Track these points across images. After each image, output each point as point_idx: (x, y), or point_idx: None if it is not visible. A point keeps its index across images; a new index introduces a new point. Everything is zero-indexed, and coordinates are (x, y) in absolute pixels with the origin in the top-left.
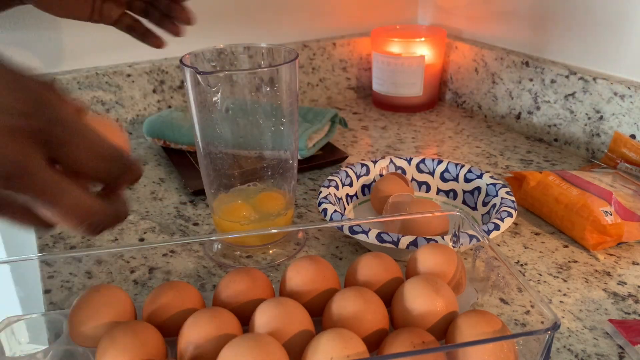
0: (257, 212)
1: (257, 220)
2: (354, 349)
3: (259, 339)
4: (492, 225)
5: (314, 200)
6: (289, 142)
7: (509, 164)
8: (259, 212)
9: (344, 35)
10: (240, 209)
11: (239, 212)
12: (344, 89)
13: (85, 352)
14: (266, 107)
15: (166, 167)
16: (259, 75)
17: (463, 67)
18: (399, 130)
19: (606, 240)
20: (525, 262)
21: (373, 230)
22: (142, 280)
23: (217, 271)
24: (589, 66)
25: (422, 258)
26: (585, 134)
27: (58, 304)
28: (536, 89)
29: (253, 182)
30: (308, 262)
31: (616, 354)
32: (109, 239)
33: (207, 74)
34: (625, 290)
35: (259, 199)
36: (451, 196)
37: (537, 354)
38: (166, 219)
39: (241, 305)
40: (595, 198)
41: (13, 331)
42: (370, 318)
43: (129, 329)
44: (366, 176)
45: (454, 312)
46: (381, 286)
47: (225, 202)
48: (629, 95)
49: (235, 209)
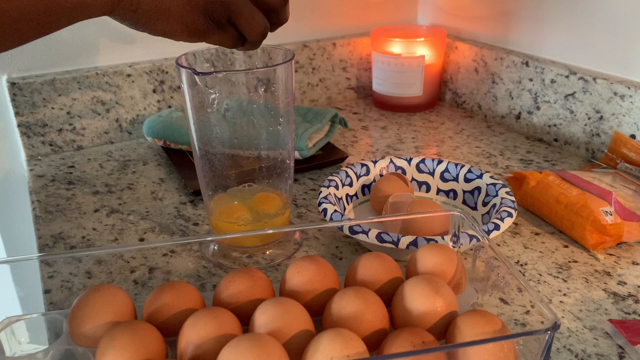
0: (253, 213)
1: (254, 221)
2: (354, 349)
3: (259, 339)
4: (492, 225)
5: (314, 200)
6: (286, 142)
7: (509, 164)
8: (255, 213)
9: (344, 35)
10: (236, 210)
11: (236, 213)
12: (344, 89)
13: (85, 352)
14: (263, 108)
15: (166, 167)
16: (256, 75)
17: (463, 67)
18: (399, 130)
19: (606, 240)
20: (525, 262)
21: (373, 230)
22: (142, 280)
23: (217, 271)
24: (589, 66)
25: (422, 258)
26: (585, 134)
27: (58, 304)
28: (536, 89)
29: (249, 183)
30: (308, 262)
31: (616, 354)
32: (109, 239)
33: (205, 74)
34: (625, 290)
35: (256, 199)
36: (451, 196)
37: (537, 354)
38: (166, 219)
39: (241, 305)
40: (595, 198)
41: (13, 331)
42: (370, 318)
43: (129, 329)
44: (366, 176)
45: (454, 312)
46: (381, 286)
47: (221, 203)
48: (629, 95)
49: (231, 210)
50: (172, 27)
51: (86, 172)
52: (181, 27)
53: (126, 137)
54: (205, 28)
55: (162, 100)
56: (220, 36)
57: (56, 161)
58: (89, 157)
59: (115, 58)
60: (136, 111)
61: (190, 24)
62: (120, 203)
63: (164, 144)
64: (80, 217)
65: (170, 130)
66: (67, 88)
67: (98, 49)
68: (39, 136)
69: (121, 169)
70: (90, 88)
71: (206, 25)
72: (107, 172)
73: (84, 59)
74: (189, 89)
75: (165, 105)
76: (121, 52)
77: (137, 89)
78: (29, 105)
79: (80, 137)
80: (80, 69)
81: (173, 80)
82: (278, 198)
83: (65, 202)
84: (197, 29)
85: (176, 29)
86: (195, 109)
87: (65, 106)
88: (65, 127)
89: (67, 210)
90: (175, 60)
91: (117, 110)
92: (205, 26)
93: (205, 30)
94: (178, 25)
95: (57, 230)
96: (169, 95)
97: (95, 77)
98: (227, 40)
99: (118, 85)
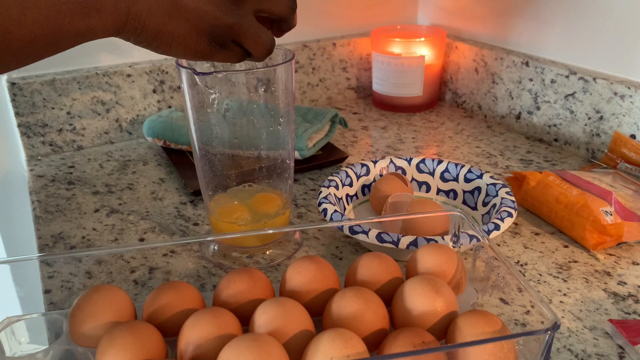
0: (253, 213)
1: (254, 221)
2: (354, 349)
3: (259, 339)
4: (492, 225)
5: (314, 200)
6: (286, 142)
7: (509, 164)
8: (255, 213)
9: (344, 35)
10: (236, 210)
11: (236, 213)
12: (344, 89)
13: (85, 352)
14: (263, 108)
15: (166, 167)
16: (256, 75)
17: (463, 67)
18: (399, 130)
19: (606, 240)
20: (525, 262)
21: (373, 230)
22: (142, 280)
23: (217, 271)
24: (589, 66)
25: (422, 258)
26: (585, 134)
27: (58, 304)
28: (536, 89)
29: (249, 183)
30: (308, 262)
31: (616, 354)
32: (109, 239)
33: (205, 74)
34: (625, 290)
35: (256, 200)
36: (451, 196)
37: (537, 354)
38: (166, 219)
39: (241, 305)
40: (595, 198)
41: (13, 331)
42: (370, 318)
43: (129, 329)
44: (366, 176)
45: (454, 312)
46: (381, 286)
47: (221, 203)
48: (629, 95)
49: (231, 210)
50: (176, 49)
51: (86, 172)
52: (185, 50)
53: (126, 137)
54: (210, 50)
55: (162, 100)
56: (225, 55)
57: (56, 161)
58: (89, 157)
59: (115, 58)
60: (136, 111)
61: (194, 47)
62: (120, 203)
63: (164, 144)
64: (80, 217)
65: (170, 130)
66: (67, 88)
67: (98, 49)
68: (39, 136)
69: (121, 169)
70: (90, 88)
71: (210, 47)
72: (107, 172)
73: (84, 59)
74: (189, 89)
75: (165, 105)
76: (121, 52)
77: (137, 89)
78: (29, 106)
79: (80, 137)
80: (80, 69)
81: (173, 80)
82: (278, 198)
83: (65, 202)
84: (201, 52)
85: (180, 50)
86: (195, 109)
87: (65, 106)
88: (65, 127)
89: (67, 210)
90: (176, 60)
91: (117, 110)
92: (210, 48)
93: (210, 52)
94: (182, 48)
95: (57, 230)
96: (169, 95)
97: (95, 77)
98: (232, 58)
99: (118, 85)
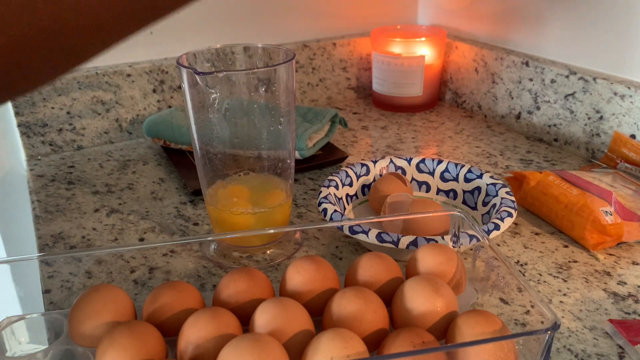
0: (252, 200)
1: (253, 206)
2: (354, 349)
3: (259, 339)
4: (492, 225)
5: (314, 200)
6: (287, 141)
7: (509, 164)
8: (256, 199)
9: (344, 35)
10: (235, 192)
11: (234, 196)
12: (344, 89)
13: (85, 352)
14: (263, 107)
15: (166, 167)
16: (257, 75)
17: (463, 67)
18: (399, 130)
19: (606, 240)
20: (525, 262)
21: (373, 230)
22: (142, 280)
23: (217, 271)
24: (589, 66)
25: (422, 258)
26: (585, 134)
27: (58, 304)
28: (536, 89)
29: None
30: (308, 262)
31: (616, 354)
32: (109, 239)
33: (206, 74)
34: (625, 290)
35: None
36: (451, 196)
37: (537, 354)
38: (166, 219)
39: (241, 305)
40: (595, 198)
41: (13, 331)
42: (370, 318)
43: (129, 329)
44: (366, 176)
45: (454, 312)
46: (381, 286)
47: (220, 189)
48: (629, 95)
49: (229, 195)
50: None
51: (86, 172)
52: None
53: (126, 137)
54: None
55: (162, 100)
56: None
57: (56, 161)
58: (89, 157)
59: (115, 58)
60: (136, 111)
61: None
62: (120, 203)
63: (164, 144)
64: (80, 217)
65: (170, 130)
66: (67, 88)
67: None
68: (39, 136)
69: (121, 168)
70: (90, 88)
71: None
72: (107, 172)
73: None
74: (189, 89)
75: (165, 105)
76: (121, 52)
77: (137, 89)
78: (29, 105)
79: (80, 137)
80: (80, 69)
81: (173, 80)
82: (281, 184)
83: (65, 202)
84: None
85: None
86: (195, 109)
87: (65, 106)
88: (65, 127)
89: (67, 210)
90: (176, 59)
91: (117, 110)
92: None
93: None
94: None
95: (57, 230)
96: (169, 95)
97: (95, 77)
98: None
99: (118, 85)
